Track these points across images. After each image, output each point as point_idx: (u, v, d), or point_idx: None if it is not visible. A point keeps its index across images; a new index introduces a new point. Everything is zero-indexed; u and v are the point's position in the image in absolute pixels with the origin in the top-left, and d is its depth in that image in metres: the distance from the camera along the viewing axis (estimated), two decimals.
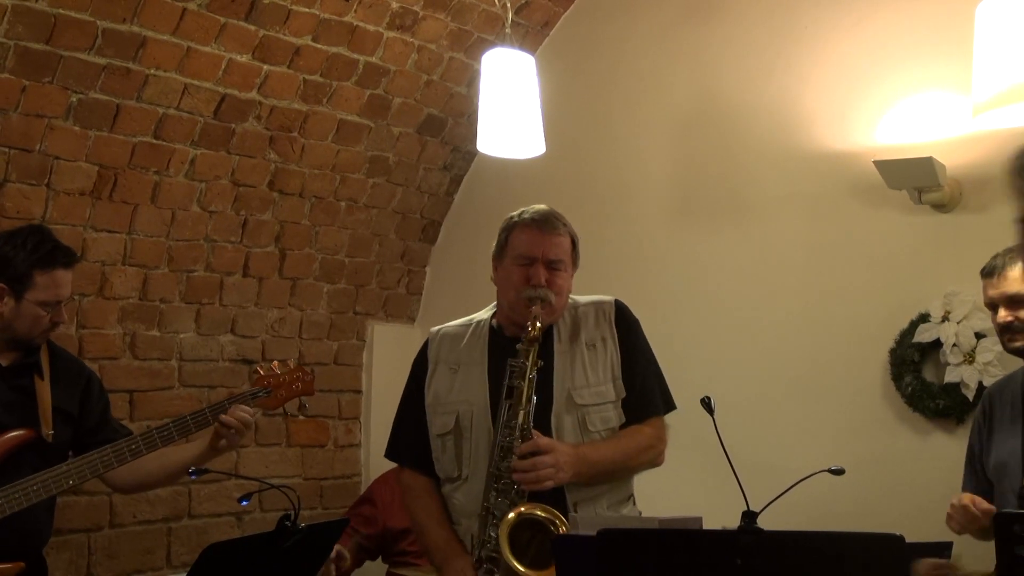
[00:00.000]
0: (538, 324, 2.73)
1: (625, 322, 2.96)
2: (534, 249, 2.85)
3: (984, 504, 2.86)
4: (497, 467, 2.68)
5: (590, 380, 2.85)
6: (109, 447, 2.99)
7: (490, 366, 2.84)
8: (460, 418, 2.84)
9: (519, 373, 2.70)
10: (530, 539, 2.61)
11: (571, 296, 2.98)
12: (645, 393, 2.91)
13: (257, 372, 3.29)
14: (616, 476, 2.86)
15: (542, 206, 2.96)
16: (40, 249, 2.94)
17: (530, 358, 2.71)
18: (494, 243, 2.98)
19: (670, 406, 2.97)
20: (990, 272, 3.05)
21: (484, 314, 3.03)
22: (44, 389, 3.00)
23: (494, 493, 2.67)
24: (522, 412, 2.68)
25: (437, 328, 3.07)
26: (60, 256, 2.98)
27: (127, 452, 2.99)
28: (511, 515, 2.59)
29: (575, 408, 2.81)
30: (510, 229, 2.92)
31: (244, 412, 3.09)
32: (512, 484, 2.65)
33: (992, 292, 3.03)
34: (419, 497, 2.93)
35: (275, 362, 3.35)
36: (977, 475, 3.07)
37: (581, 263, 4.55)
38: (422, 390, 2.95)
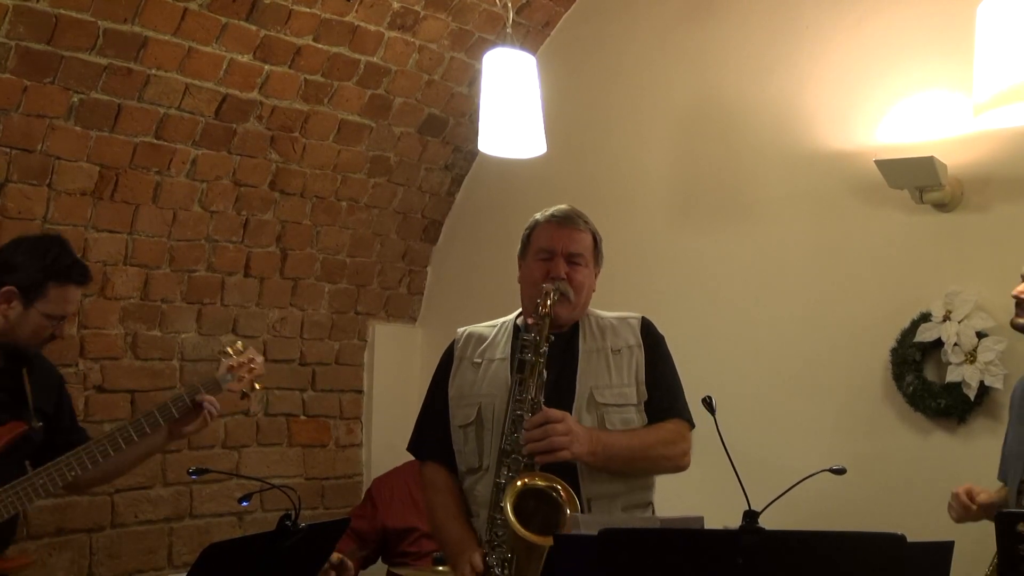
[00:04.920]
0: (549, 301, 2.74)
1: (652, 336, 2.98)
2: (554, 243, 2.88)
3: (982, 495, 2.92)
4: (507, 441, 2.68)
5: (613, 381, 2.86)
6: (104, 436, 3.04)
7: (513, 362, 2.83)
8: (482, 409, 2.85)
9: (531, 347, 2.71)
10: (535, 509, 2.60)
11: (598, 311, 3.01)
12: (668, 397, 2.91)
13: (228, 355, 3.34)
14: (636, 466, 2.84)
15: (564, 205, 3.00)
16: (59, 262, 2.96)
17: (542, 333, 2.72)
18: (516, 243, 3.01)
19: (691, 419, 2.94)
20: None
21: (510, 316, 3.05)
22: (27, 388, 3.01)
23: (505, 469, 2.66)
24: (533, 386, 2.69)
25: (464, 328, 3.09)
26: (76, 273, 2.99)
27: (120, 439, 3.03)
28: (517, 483, 2.58)
29: (596, 407, 2.81)
30: (533, 227, 2.97)
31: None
32: (522, 458, 2.64)
33: None
34: (439, 492, 2.94)
35: (238, 344, 3.41)
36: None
37: None
38: (446, 386, 2.97)
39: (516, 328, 2.96)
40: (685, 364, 4.32)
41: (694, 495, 3.68)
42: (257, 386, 3.43)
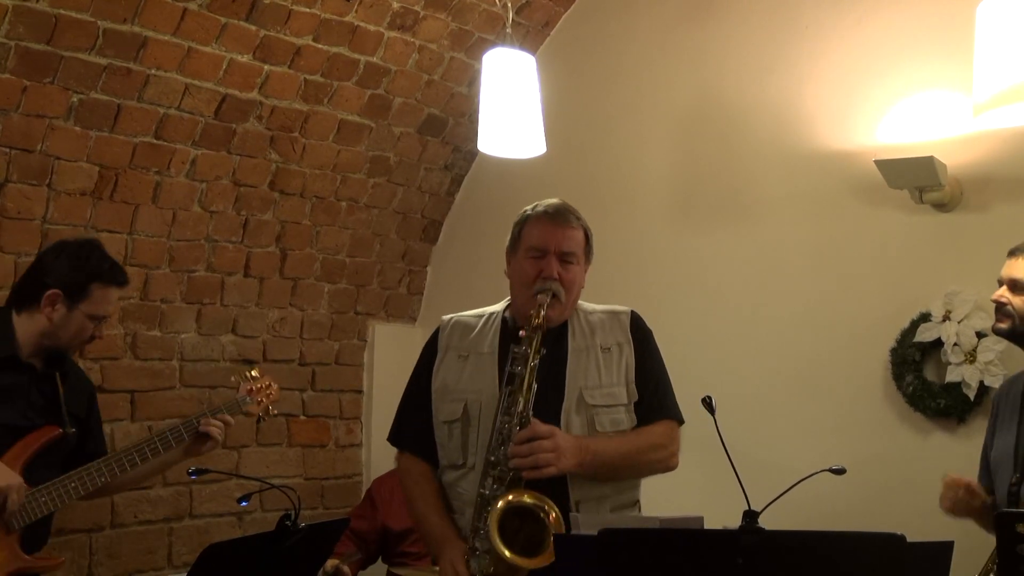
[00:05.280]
0: (543, 312, 2.71)
1: (641, 331, 2.95)
2: (547, 241, 2.81)
3: (973, 484, 2.93)
4: (494, 454, 2.65)
5: (603, 381, 2.83)
6: (132, 445, 3.14)
7: (501, 357, 2.81)
8: (469, 407, 2.81)
9: (521, 360, 2.68)
10: (520, 527, 2.58)
11: (586, 304, 2.97)
12: (658, 397, 2.89)
13: (247, 379, 3.43)
14: (625, 472, 2.83)
15: (555, 200, 2.94)
16: (102, 264, 3.07)
17: (533, 346, 2.68)
18: (508, 237, 2.96)
19: (680, 416, 2.94)
20: (1014, 252, 3.10)
21: (498, 307, 3.01)
22: (61, 393, 3.11)
23: (490, 480, 2.64)
24: (522, 399, 2.65)
25: (449, 316, 3.05)
26: (119, 274, 3.12)
27: (147, 450, 3.13)
28: (500, 503, 2.56)
29: (585, 408, 2.78)
30: (523, 222, 2.90)
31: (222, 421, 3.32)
32: (509, 471, 2.61)
33: (1005, 271, 3.07)
34: (418, 483, 2.90)
35: (255, 370, 3.50)
36: (987, 470, 3.12)
37: None
38: (429, 376, 2.94)
39: (504, 321, 2.93)
40: (685, 364, 4.31)
41: (694, 495, 3.68)
42: (273, 411, 3.52)
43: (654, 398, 2.88)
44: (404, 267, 5.20)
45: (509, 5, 3.96)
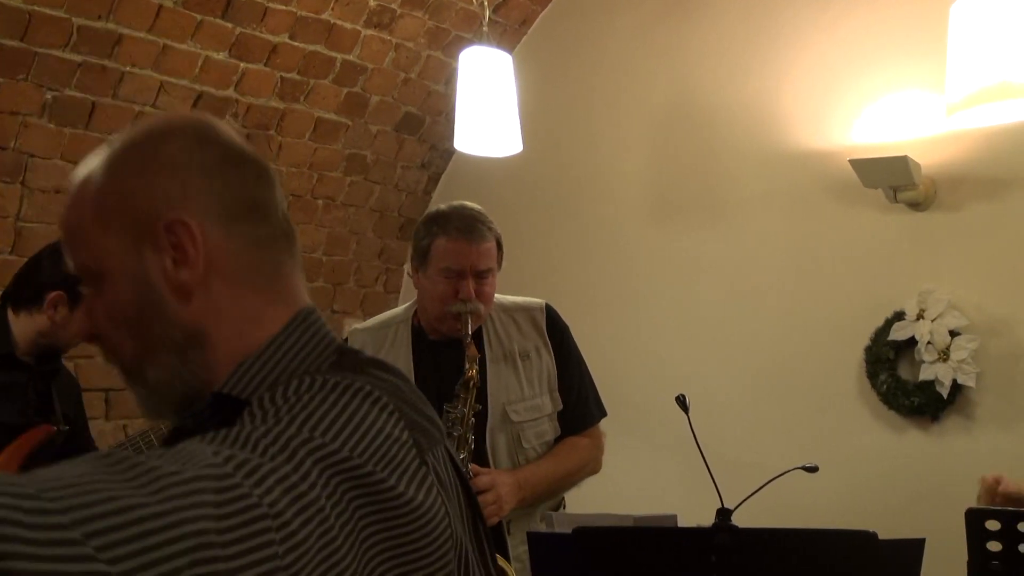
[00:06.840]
0: (476, 369, 2.61)
1: (557, 329, 2.86)
2: (462, 262, 2.67)
3: (1010, 486, 2.90)
4: None
5: (525, 393, 2.76)
6: (127, 440, 3.17)
7: (417, 374, 2.72)
8: None
9: (458, 420, 2.59)
10: None
11: (498, 298, 2.84)
12: (581, 404, 2.84)
13: None
14: (558, 492, 2.83)
15: (465, 206, 2.77)
16: None
17: (468, 404, 2.60)
18: (411, 243, 2.82)
19: (603, 412, 2.90)
20: None
21: (401, 313, 2.90)
22: (53, 392, 3.14)
23: None
24: (461, 455, 2.56)
25: (353, 329, 2.94)
26: None
27: (142, 443, 3.14)
28: None
29: (510, 425, 2.73)
30: (433, 236, 2.72)
31: None
32: None
33: None
34: None
35: None
36: None
37: (560, 260, 4.56)
38: None
39: (414, 331, 2.83)
40: (660, 361, 4.33)
41: (667, 493, 3.69)
42: None
43: (577, 407, 2.83)
44: (381, 265, 5.19)
45: (486, 3, 3.96)
